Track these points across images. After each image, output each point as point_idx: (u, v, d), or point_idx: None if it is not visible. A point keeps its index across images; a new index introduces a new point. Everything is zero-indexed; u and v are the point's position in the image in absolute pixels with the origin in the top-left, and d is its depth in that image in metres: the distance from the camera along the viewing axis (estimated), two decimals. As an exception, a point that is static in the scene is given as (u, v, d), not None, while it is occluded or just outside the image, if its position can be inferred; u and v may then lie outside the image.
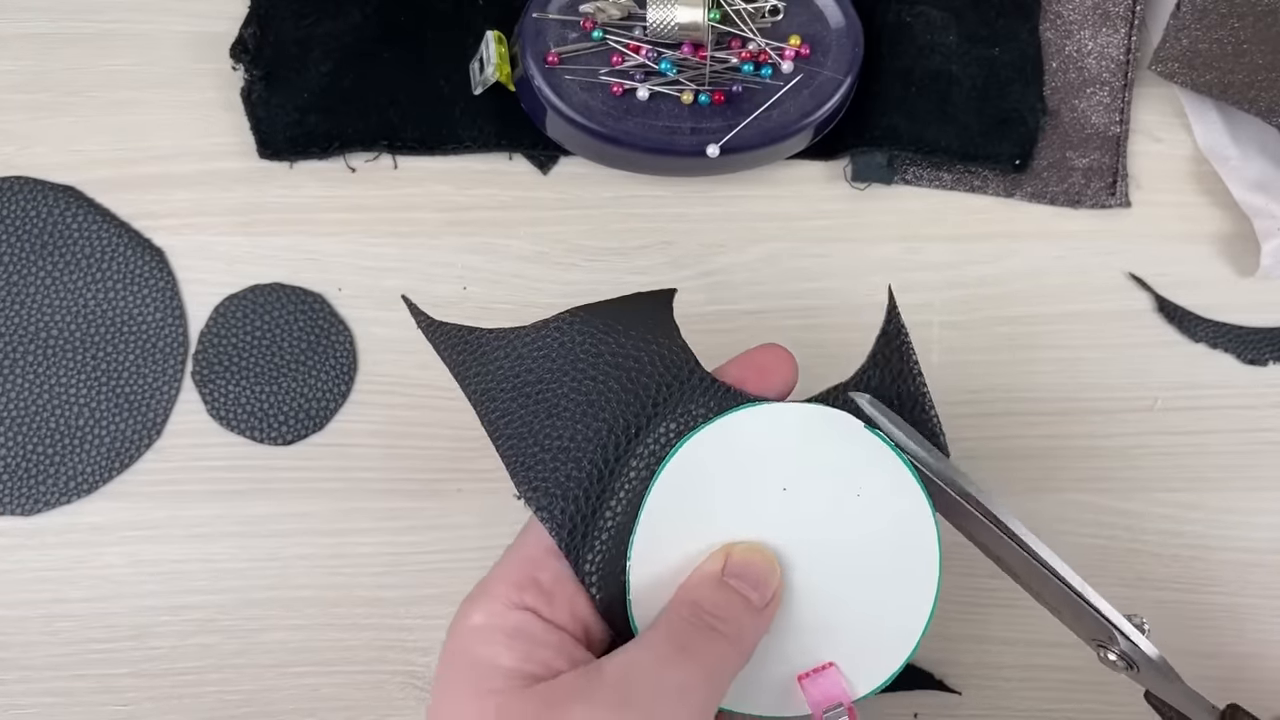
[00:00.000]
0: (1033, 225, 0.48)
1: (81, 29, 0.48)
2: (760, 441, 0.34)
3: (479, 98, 0.47)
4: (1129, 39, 0.49)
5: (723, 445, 0.34)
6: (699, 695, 0.31)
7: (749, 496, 0.34)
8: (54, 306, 0.47)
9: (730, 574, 0.33)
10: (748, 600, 0.32)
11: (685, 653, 0.31)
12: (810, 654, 0.34)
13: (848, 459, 0.34)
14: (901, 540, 0.34)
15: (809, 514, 0.34)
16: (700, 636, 0.31)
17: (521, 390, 0.35)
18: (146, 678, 0.46)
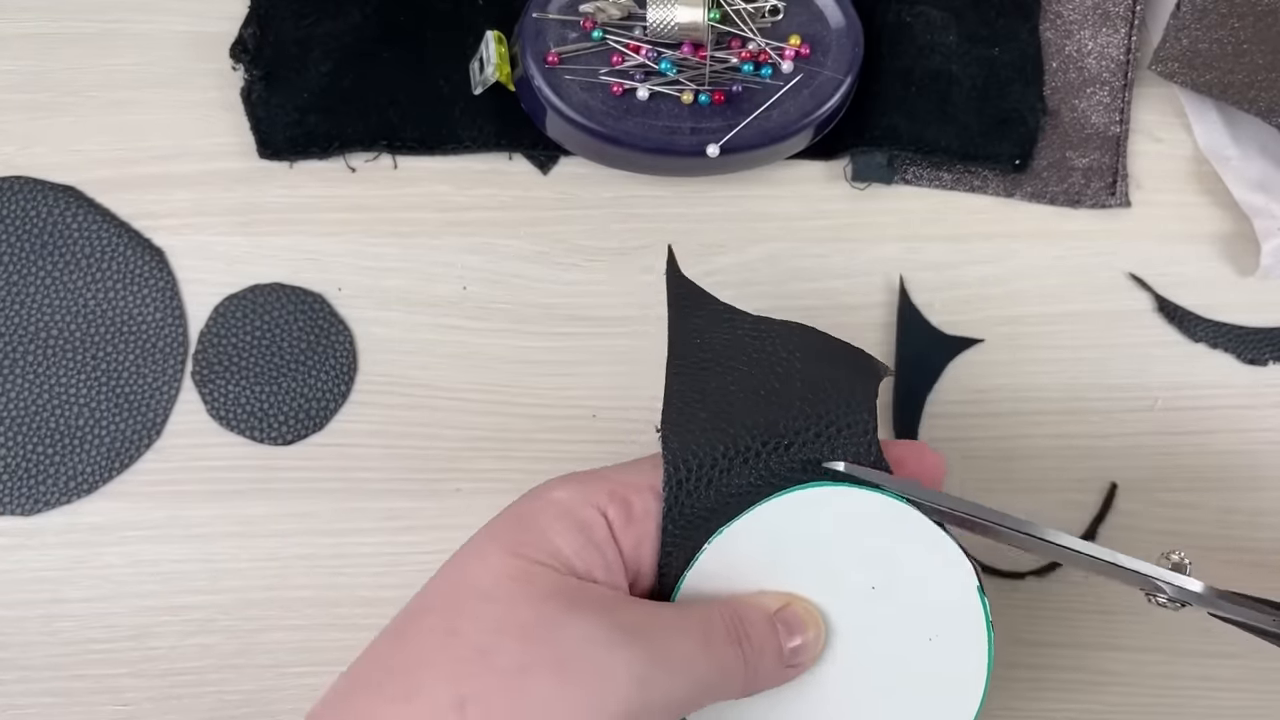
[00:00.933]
0: (1033, 225, 0.48)
1: (81, 29, 0.48)
2: (856, 525, 0.33)
3: (479, 98, 0.47)
4: (1129, 39, 0.49)
5: (823, 510, 0.33)
6: (695, 680, 0.31)
7: (827, 569, 0.33)
8: (54, 306, 0.47)
9: (780, 619, 0.33)
10: (780, 648, 0.32)
11: (705, 642, 0.31)
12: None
13: (926, 572, 0.33)
14: (950, 658, 0.33)
15: (869, 610, 0.33)
16: (724, 641, 0.32)
17: (720, 356, 0.35)
18: (146, 678, 0.46)
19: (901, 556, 0.33)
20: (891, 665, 0.33)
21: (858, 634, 0.33)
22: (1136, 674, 0.47)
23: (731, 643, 0.32)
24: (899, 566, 0.33)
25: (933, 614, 0.33)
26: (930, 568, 0.33)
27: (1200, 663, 0.47)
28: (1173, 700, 0.47)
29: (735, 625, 0.32)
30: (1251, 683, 0.47)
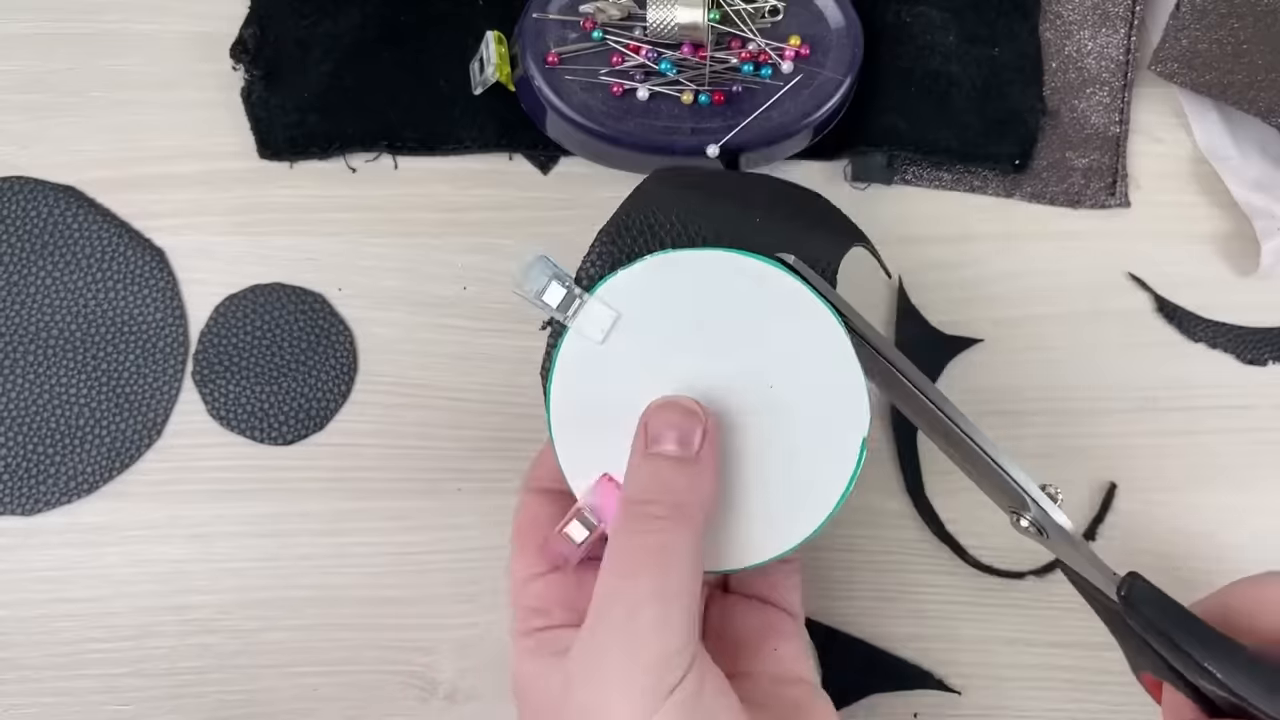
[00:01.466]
0: (1032, 225, 0.48)
1: (82, 29, 0.48)
2: (685, 286, 0.35)
3: (479, 98, 0.47)
4: (1128, 39, 0.49)
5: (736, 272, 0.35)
6: (677, 579, 0.31)
7: (675, 338, 0.34)
8: (54, 306, 0.47)
9: (652, 443, 0.33)
10: (676, 460, 0.33)
11: (634, 562, 0.32)
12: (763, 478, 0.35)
13: (776, 310, 0.35)
14: (821, 360, 0.34)
15: (732, 362, 0.34)
16: (641, 533, 0.32)
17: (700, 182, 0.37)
18: (146, 678, 0.46)
19: (737, 298, 0.35)
20: (778, 439, 0.34)
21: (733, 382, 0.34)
22: (1136, 674, 0.47)
23: (642, 524, 0.32)
24: (742, 308, 0.34)
25: (788, 326, 0.34)
26: (784, 309, 0.34)
27: (1200, 662, 0.47)
28: (1172, 700, 0.47)
29: (630, 514, 0.33)
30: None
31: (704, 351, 0.34)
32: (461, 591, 0.46)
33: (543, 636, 0.35)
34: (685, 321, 0.35)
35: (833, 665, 0.46)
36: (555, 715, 0.32)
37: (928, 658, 0.46)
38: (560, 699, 0.32)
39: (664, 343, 0.35)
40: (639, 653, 0.31)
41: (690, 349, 0.35)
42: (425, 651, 0.46)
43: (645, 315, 0.35)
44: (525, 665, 0.35)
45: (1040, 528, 0.34)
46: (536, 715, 0.34)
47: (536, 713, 0.34)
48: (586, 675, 0.32)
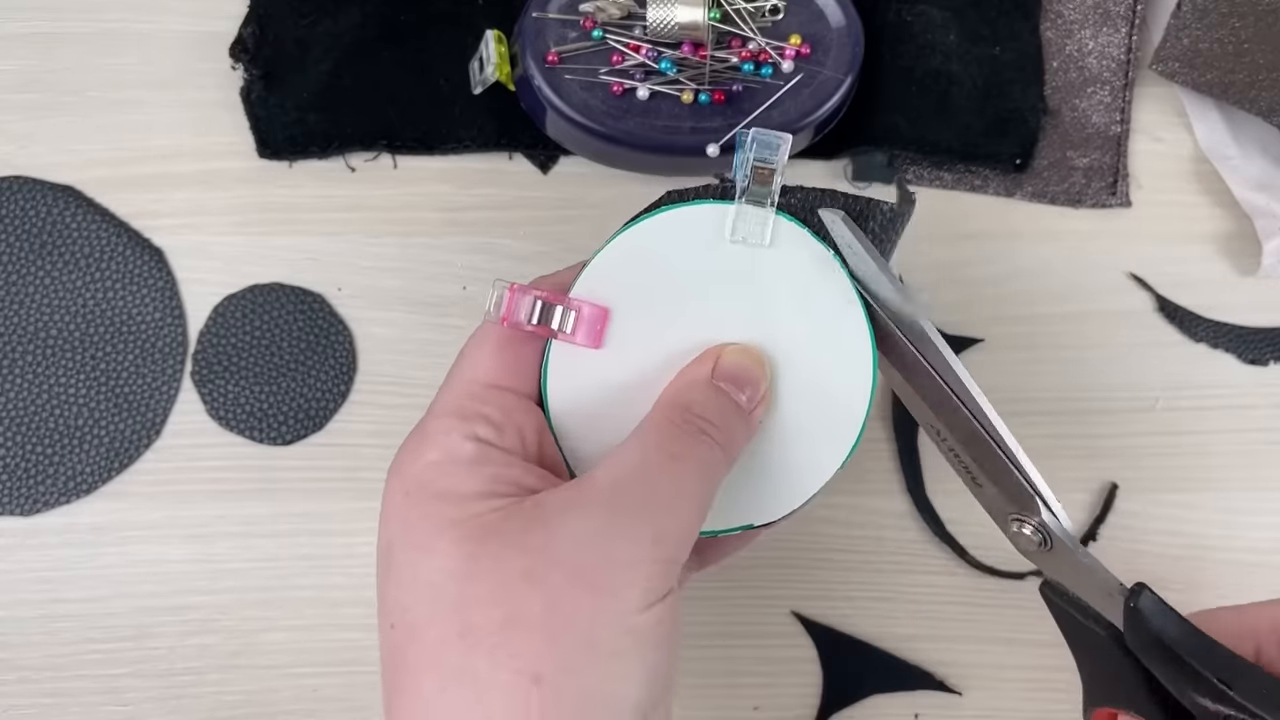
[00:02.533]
0: (1033, 225, 0.48)
1: (81, 29, 0.48)
2: (708, 241, 0.34)
3: (479, 97, 0.47)
4: (1130, 38, 0.49)
5: (669, 237, 0.34)
6: (692, 503, 0.30)
7: (719, 284, 0.33)
8: (53, 306, 0.47)
9: (720, 377, 0.32)
10: (738, 405, 0.32)
11: (678, 460, 0.30)
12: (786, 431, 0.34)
13: (798, 270, 0.33)
14: (825, 306, 0.34)
15: (735, 319, 0.33)
16: (692, 442, 0.30)
17: None
18: (146, 678, 0.46)
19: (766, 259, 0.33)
20: (796, 386, 0.33)
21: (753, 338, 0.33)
22: (1137, 674, 0.47)
23: (695, 435, 0.31)
24: (768, 269, 0.33)
25: (814, 305, 0.33)
26: (802, 268, 0.33)
27: (1200, 663, 0.47)
28: (1173, 700, 0.47)
29: (687, 419, 0.31)
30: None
31: (705, 315, 0.34)
32: (461, 592, 0.46)
33: (489, 453, 0.30)
34: (680, 286, 0.34)
35: (833, 665, 0.46)
36: (499, 548, 0.28)
37: (928, 658, 0.46)
38: (523, 534, 0.28)
39: (711, 281, 0.34)
40: (663, 543, 0.29)
41: (691, 314, 0.34)
42: (425, 652, 0.46)
43: (638, 290, 0.34)
44: (457, 473, 0.30)
45: (1045, 535, 0.33)
46: (450, 537, 0.29)
47: (452, 534, 0.29)
48: (597, 534, 0.28)
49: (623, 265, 0.34)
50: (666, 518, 0.29)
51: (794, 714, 0.46)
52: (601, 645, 0.27)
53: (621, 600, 0.28)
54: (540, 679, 0.27)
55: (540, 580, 0.27)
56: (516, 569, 0.28)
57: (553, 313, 0.32)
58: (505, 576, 0.28)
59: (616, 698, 0.28)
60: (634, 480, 0.29)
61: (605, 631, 0.27)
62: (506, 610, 0.27)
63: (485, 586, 0.28)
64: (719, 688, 0.46)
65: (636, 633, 0.28)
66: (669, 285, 0.33)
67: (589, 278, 0.34)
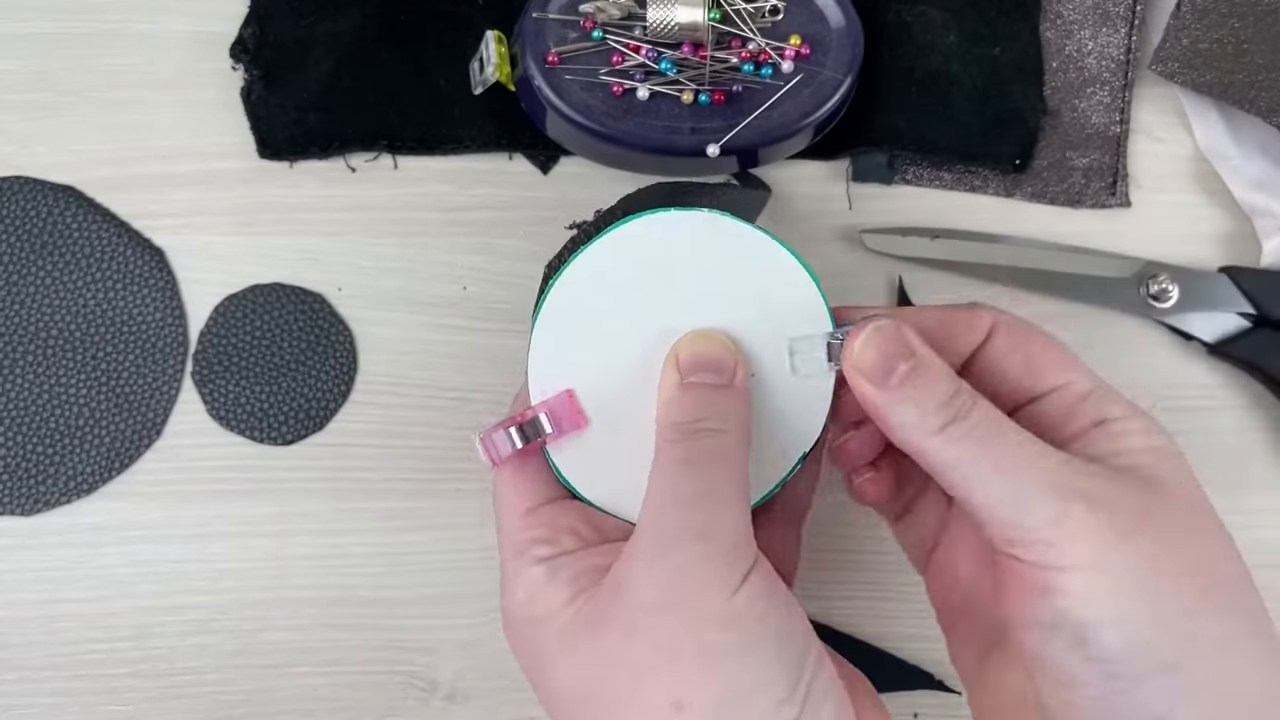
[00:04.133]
0: (1033, 225, 0.48)
1: (82, 28, 0.48)
2: (655, 248, 0.35)
3: (479, 97, 0.47)
4: (1129, 39, 0.49)
5: (620, 254, 0.35)
6: (722, 491, 0.31)
7: (652, 301, 0.35)
8: (54, 306, 0.47)
9: (686, 373, 0.33)
10: (715, 386, 0.33)
11: (687, 465, 0.32)
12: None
13: (741, 258, 0.36)
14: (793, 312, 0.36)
15: (708, 311, 0.35)
16: (690, 444, 0.32)
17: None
18: (146, 678, 0.46)
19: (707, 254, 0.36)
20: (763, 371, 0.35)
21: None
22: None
23: (693, 439, 0.32)
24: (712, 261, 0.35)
25: (757, 272, 0.36)
26: (744, 257, 0.36)
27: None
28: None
29: (678, 432, 0.32)
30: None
31: (681, 305, 0.35)
32: (461, 591, 0.46)
33: (556, 564, 0.33)
34: (657, 282, 0.35)
35: (833, 665, 0.46)
36: (598, 631, 0.31)
37: (928, 658, 0.46)
38: (606, 610, 0.31)
39: (643, 303, 0.35)
40: (711, 538, 0.30)
41: (667, 305, 0.35)
42: (425, 651, 0.46)
43: (619, 283, 0.35)
44: (542, 598, 0.32)
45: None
46: (563, 645, 0.32)
47: (562, 642, 0.32)
48: (651, 570, 0.30)
49: (558, 341, 0.35)
50: (703, 517, 0.31)
51: (794, 714, 0.46)
52: (708, 651, 0.29)
53: (701, 606, 0.29)
54: (681, 705, 0.29)
55: (636, 630, 0.30)
56: (617, 636, 0.30)
57: (528, 429, 0.34)
58: (612, 646, 0.30)
59: (752, 683, 0.29)
60: (662, 506, 0.31)
61: (702, 638, 0.29)
62: (626, 674, 0.30)
63: (603, 664, 0.30)
64: (719, 688, 0.46)
65: (733, 622, 0.29)
66: (612, 331, 0.35)
67: (536, 375, 0.35)
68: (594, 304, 0.35)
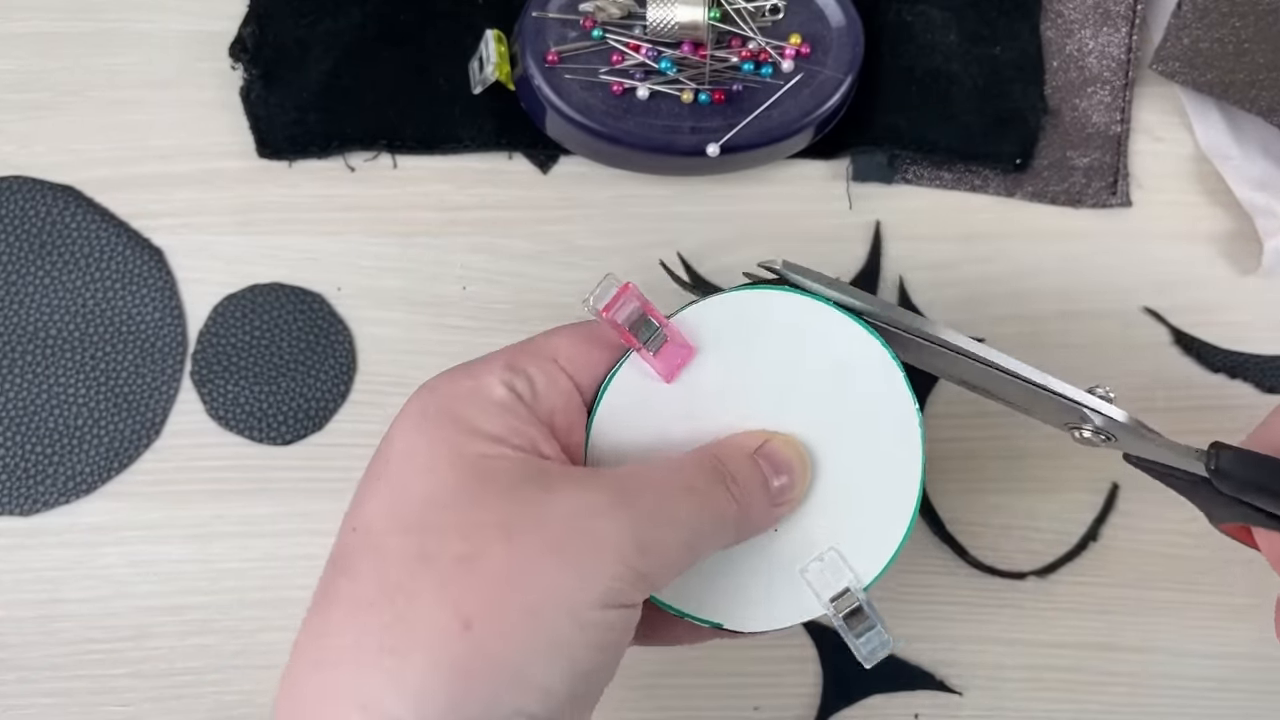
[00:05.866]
0: (1033, 225, 0.48)
1: (81, 28, 0.48)
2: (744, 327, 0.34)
3: (479, 97, 0.47)
4: (1130, 38, 0.49)
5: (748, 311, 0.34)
6: (689, 538, 0.30)
7: (740, 381, 0.34)
8: (53, 306, 0.47)
9: (762, 455, 0.32)
10: (767, 483, 0.32)
11: (693, 493, 0.30)
12: (806, 548, 0.33)
13: (823, 342, 0.34)
14: (882, 417, 0.34)
15: (795, 404, 0.34)
16: (713, 486, 0.31)
17: None
18: (145, 678, 0.46)
19: (835, 357, 0.34)
20: (844, 470, 0.33)
21: (794, 424, 0.33)
22: (1136, 674, 0.47)
23: (717, 482, 0.30)
24: (838, 368, 0.34)
25: (870, 413, 0.33)
26: (827, 339, 0.34)
27: (1200, 663, 0.47)
28: (1173, 700, 0.47)
29: (718, 468, 0.31)
30: (1251, 683, 0.47)
31: (765, 398, 0.34)
32: (461, 592, 0.46)
33: (518, 406, 0.30)
34: (750, 363, 0.34)
35: (833, 665, 0.46)
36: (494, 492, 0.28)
37: (928, 658, 0.46)
38: (528, 498, 0.28)
39: (730, 383, 0.34)
40: (648, 553, 0.28)
41: (753, 393, 0.34)
42: (425, 652, 0.46)
43: (722, 350, 0.34)
44: (480, 405, 0.30)
45: (1106, 434, 0.34)
46: (449, 460, 0.29)
47: (453, 458, 0.29)
48: (588, 521, 0.28)
49: (718, 322, 0.34)
50: (659, 533, 0.29)
51: (794, 714, 0.46)
52: (544, 622, 0.27)
53: (583, 586, 0.27)
54: (470, 626, 0.26)
55: (515, 536, 0.27)
56: (497, 516, 0.28)
57: (647, 327, 0.32)
58: (484, 519, 0.28)
59: (531, 680, 0.27)
60: (646, 488, 0.30)
61: (554, 610, 0.27)
62: (470, 549, 0.27)
63: (462, 521, 0.28)
64: (719, 687, 0.46)
65: (583, 626, 0.27)
66: (750, 357, 0.34)
67: (689, 314, 0.34)
68: (771, 327, 0.34)
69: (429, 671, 0.26)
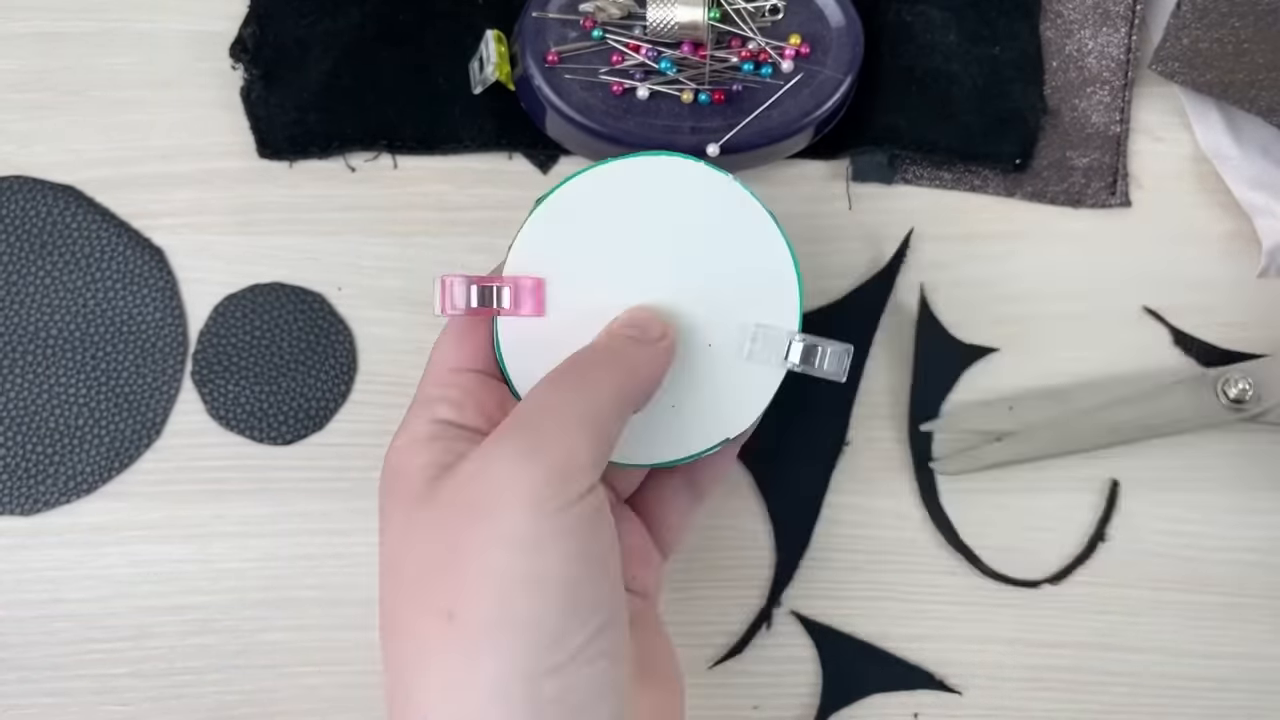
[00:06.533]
0: (1033, 225, 0.48)
1: (81, 28, 0.48)
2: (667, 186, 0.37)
3: (478, 97, 0.47)
4: (1129, 38, 0.49)
5: (585, 197, 0.37)
6: (578, 419, 0.31)
7: (644, 233, 0.36)
8: (53, 306, 0.47)
9: (614, 329, 0.35)
10: (632, 339, 0.34)
11: (557, 386, 0.32)
12: (736, 345, 0.37)
13: (739, 229, 0.37)
14: (741, 232, 0.37)
15: (675, 263, 0.36)
16: (568, 368, 0.33)
17: None
18: (146, 678, 0.46)
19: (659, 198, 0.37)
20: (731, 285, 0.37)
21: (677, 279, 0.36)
22: (1136, 674, 0.47)
23: (599, 355, 0.33)
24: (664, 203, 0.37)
25: (729, 230, 0.37)
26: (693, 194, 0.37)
27: (1200, 663, 0.47)
28: (1173, 700, 0.47)
29: (591, 349, 0.34)
30: (1251, 683, 0.47)
31: (649, 252, 0.36)
32: (461, 591, 0.46)
33: (445, 429, 0.33)
34: (657, 217, 0.36)
35: (833, 665, 0.46)
36: (425, 509, 0.30)
37: (928, 658, 0.46)
38: (436, 494, 0.30)
39: (634, 232, 0.36)
40: (543, 455, 0.29)
41: (656, 243, 0.36)
42: (425, 651, 0.46)
43: (621, 206, 0.36)
44: (413, 452, 0.32)
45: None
46: (400, 508, 0.31)
47: (401, 505, 0.31)
48: (477, 467, 0.30)
49: (552, 234, 0.36)
50: (542, 431, 0.30)
51: (794, 714, 0.46)
52: (495, 569, 0.28)
53: (506, 521, 0.28)
54: (453, 614, 0.28)
55: (443, 524, 0.30)
56: (430, 519, 0.30)
57: (489, 294, 0.35)
58: (425, 531, 0.30)
59: (523, 620, 0.28)
60: (516, 414, 0.31)
61: (496, 554, 0.28)
62: (423, 560, 0.29)
63: (413, 544, 0.30)
64: (719, 687, 0.46)
65: (530, 549, 0.28)
66: (599, 244, 0.36)
67: (519, 253, 0.36)
68: (591, 215, 0.36)
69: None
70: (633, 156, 0.37)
